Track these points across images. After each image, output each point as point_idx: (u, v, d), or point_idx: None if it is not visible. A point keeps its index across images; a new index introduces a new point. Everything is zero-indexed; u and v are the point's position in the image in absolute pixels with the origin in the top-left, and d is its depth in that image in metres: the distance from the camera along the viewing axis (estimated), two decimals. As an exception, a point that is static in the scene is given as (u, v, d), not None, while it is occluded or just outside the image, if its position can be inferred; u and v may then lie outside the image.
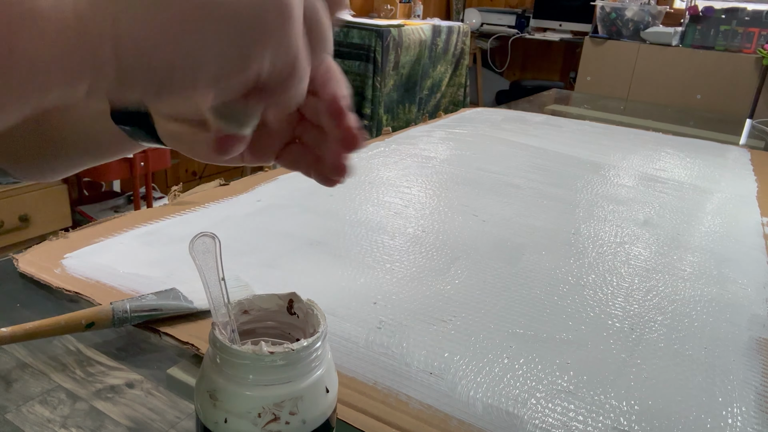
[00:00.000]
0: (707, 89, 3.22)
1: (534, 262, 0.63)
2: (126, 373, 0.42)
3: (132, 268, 0.55)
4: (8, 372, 0.41)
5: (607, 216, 0.79)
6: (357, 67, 2.75)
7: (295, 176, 0.85)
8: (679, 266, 0.66)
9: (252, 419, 0.27)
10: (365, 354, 0.45)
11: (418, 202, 0.79)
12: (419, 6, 3.65)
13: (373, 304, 0.52)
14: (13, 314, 0.48)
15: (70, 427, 0.37)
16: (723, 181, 1.02)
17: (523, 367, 0.45)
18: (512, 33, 4.15)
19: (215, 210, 0.71)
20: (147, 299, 0.47)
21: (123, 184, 2.37)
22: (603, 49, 3.48)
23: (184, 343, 0.45)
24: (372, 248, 0.63)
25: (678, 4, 3.74)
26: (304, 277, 0.57)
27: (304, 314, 0.32)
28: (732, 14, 3.21)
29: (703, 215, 0.83)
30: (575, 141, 1.21)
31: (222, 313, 0.30)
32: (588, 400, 0.42)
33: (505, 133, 1.23)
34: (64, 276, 0.53)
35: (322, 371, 0.29)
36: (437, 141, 1.12)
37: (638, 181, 0.97)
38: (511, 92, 4.04)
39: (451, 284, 0.57)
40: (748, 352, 0.50)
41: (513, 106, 1.62)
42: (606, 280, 0.61)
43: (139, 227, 0.64)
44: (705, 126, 1.64)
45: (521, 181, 0.91)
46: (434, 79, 3.24)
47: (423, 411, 0.40)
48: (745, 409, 0.43)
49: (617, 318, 0.53)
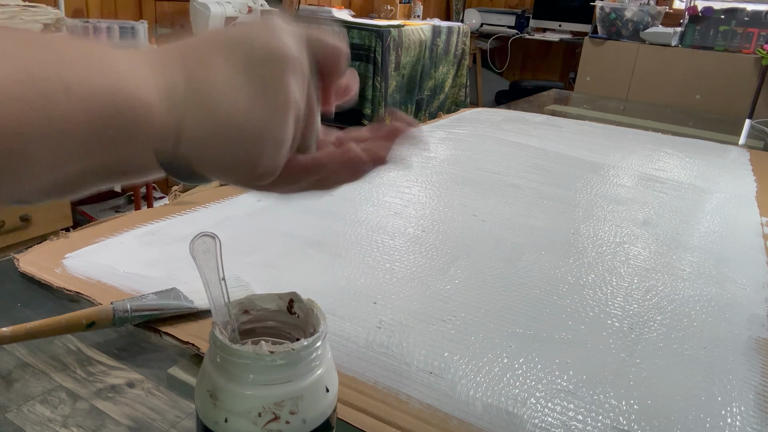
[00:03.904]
0: (706, 89, 3.23)
1: (534, 261, 0.64)
2: (127, 372, 0.42)
3: (133, 267, 0.55)
4: (9, 372, 0.41)
5: (607, 216, 0.79)
6: (357, 67, 2.75)
7: (295, 176, 0.85)
8: (679, 266, 0.66)
9: (252, 419, 0.27)
10: (365, 354, 0.45)
11: (418, 202, 0.79)
12: (419, 6, 3.65)
13: (373, 304, 0.52)
14: (13, 314, 0.48)
15: (70, 427, 0.37)
16: (722, 181, 1.02)
17: (523, 366, 0.45)
18: (512, 33, 4.15)
19: (215, 210, 0.71)
20: (148, 299, 0.47)
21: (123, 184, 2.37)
22: (602, 50, 3.49)
23: (184, 342, 0.45)
24: (372, 248, 0.64)
25: (677, 4, 3.74)
26: (304, 277, 0.57)
27: (304, 314, 0.32)
28: (731, 14, 3.21)
29: (703, 215, 0.83)
30: (575, 141, 1.21)
31: (222, 312, 0.30)
32: (587, 400, 0.42)
33: (505, 133, 1.24)
34: (64, 276, 0.53)
35: (323, 371, 0.29)
36: (437, 141, 1.13)
37: (638, 181, 0.97)
38: (511, 92, 4.04)
39: (450, 284, 0.57)
40: (747, 352, 0.50)
41: (513, 107, 1.62)
42: (605, 279, 0.61)
43: (140, 227, 0.64)
44: (704, 126, 1.64)
45: (521, 181, 0.91)
46: (437, 80, 3.24)
47: (423, 410, 0.40)
48: (744, 409, 0.43)
49: (617, 317, 0.54)
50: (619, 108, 1.88)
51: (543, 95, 1.94)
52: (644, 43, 3.38)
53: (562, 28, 4.08)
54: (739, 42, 3.21)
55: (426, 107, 3.19)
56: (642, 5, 3.41)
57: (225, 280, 0.30)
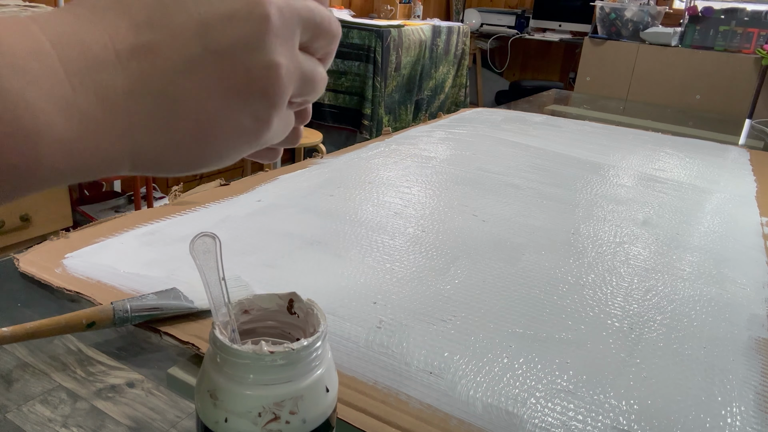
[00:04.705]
0: (706, 89, 3.23)
1: (533, 261, 0.64)
2: (127, 372, 0.42)
3: (132, 267, 0.55)
4: (9, 371, 0.41)
5: (607, 216, 0.79)
6: (357, 67, 2.75)
7: (295, 176, 0.85)
8: (679, 266, 0.66)
9: (252, 418, 0.27)
10: (365, 354, 0.45)
11: (418, 202, 0.79)
12: (419, 6, 3.65)
13: (373, 304, 0.52)
14: (13, 314, 0.48)
15: (70, 427, 0.37)
16: (722, 181, 1.02)
17: (523, 366, 0.45)
18: (512, 33, 4.15)
19: (215, 210, 0.71)
20: (148, 299, 0.47)
21: (123, 184, 2.37)
22: (602, 50, 3.49)
23: (184, 342, 0.45)
24: (372, 248, 0.64)
25: (677, 4, 3.74)
26: (304, 277, 0.57)
27: (304, 314, 0.32)
28: (731, 14, 3.21)
29: (703, 215, 0.83)
30: (575, 141, 1.21)
31: (222, 312, 0.30)
32: (587, 400, 0.42)
33: (505, 133, 1.24)
34: (64, 276, 0.53)
35: (323, 371, 0.29)
36: (437, 141, 1.13)
37: (637, 181, 0.97)
38: (511, 92, 4.04)
39: (450, 284, 0.57)
40: (747, 352, 0.50)
41: (513, 107, 1.62)
42: (605, 279, 0.61)
43: (140, 227, 0.64)
44: (704, 126, 1.64)
45: (521, 181, 0.91)
46: (437, 80, 3.24)
47: (423, 410, 0.40)
48: (744, 409, 0.43)
49: (617, 317, 0.54)
50: (619, 108, 1.88)
51: (543, 95, 1.94)
52: (644, 43, 3.38)
53: (562, 28, 4.08)
54: (739, 42, 3.20)
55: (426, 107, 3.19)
56: (642, 5, 3.41)
57: (225, 280, 0.30)
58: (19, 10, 1.52)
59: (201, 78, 0.21)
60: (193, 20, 0.21)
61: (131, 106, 0.20)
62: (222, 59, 0.21)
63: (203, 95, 0.21)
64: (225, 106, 0.22)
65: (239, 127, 0.23)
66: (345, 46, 2.75)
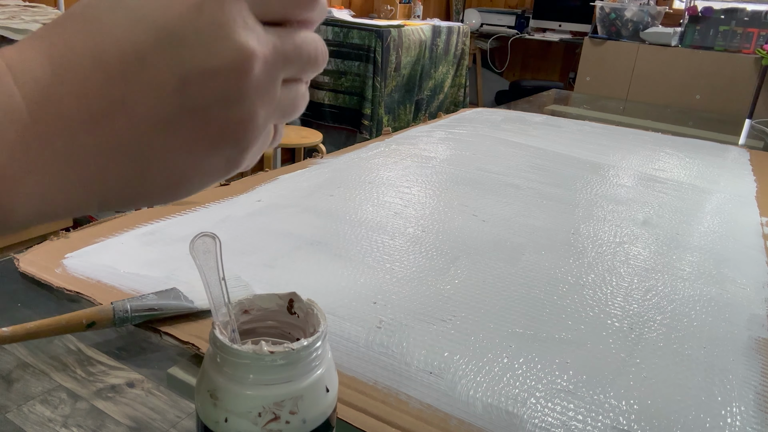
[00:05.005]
0: (706, 89, 3.23)
1: (534, 261, 0.64)
2: (127, 372, 0.42)
3: (132, 267, 0.55)
4: (9, 371, 0.41)
5: (607, 216, 0.79)
6: (357, 67, 2.75)
7: (295, 176, 0.85)
8: (679, 266, 0.66)
9: (252, 418, 0.27)
10: (365, 353, 0.45)
11: (418, 202, 0.79)
12: (419, 6, 3.65)
13: (373, 304, 0.52)
14: (13, 314, 0.48)
15: (70, 427, 0.37)
16: (722, 181, 1.02)
17: (523, 366, 0.45)
18: (512, 33, 4.15)
19: (215, 210, 0.71)
20: (148, 299, 0.47)
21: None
22: (602, 50, 3.49)
23: (184, 342, 0.45)
24: (372, 248, 0.64)
25: (677, 4, 3.74)
26: (304, 277, 0.57)
27: (304, 314, 0.32)
28: (731, 14, 3.21)
29: (703, 215, 0.83)
30: (575, 141, 1.21)
31: (222, 312, 0.30)
32: (587, 400, 0.42)
33: (505, 133, 1.24)
34: (64, 276, 0.53)
35: (323, 371, 0.29)
36: (437, 141, 1.13)
37: (637, 181, 0.97)
38: (511, 92, 4.04)
39: (451, 284, 0.57)
40: (747, 352, 0.50)
41: (513, 107, 1.62)
42: (605, 279, 0.61)
43: (140, 227, 0.64)
44: (704, 126, 1.64)
45: (521, 181, 0.91)
46: (436, 80, 3.24)
47: (423, 410, 0.40)
48: (744, 409, 0.43)
49: (616, 317, 0.54)
50: (619, 108, 1.88)
51: (543, 95, 1.94)
52: (644, 43, 3.38)
53: (562, 28, 4.08)
54: (739, 42, 3.20)
55: (426, 107, 3.19)
56: (642, 5, 3.41)
57: (225, 280, 0.30)
58: (19, 11, 1.52)
59: (174, 134, 0.21)
60: (174, 77, 0.20)
61: (101, 163, 0.20)
62: (198, 115, 0.21)
63: (175, 150, 0.21)
64: (197, 157, 0.22)
65: (210, 170, 0.23)
66: (345, 46, 2.74)
